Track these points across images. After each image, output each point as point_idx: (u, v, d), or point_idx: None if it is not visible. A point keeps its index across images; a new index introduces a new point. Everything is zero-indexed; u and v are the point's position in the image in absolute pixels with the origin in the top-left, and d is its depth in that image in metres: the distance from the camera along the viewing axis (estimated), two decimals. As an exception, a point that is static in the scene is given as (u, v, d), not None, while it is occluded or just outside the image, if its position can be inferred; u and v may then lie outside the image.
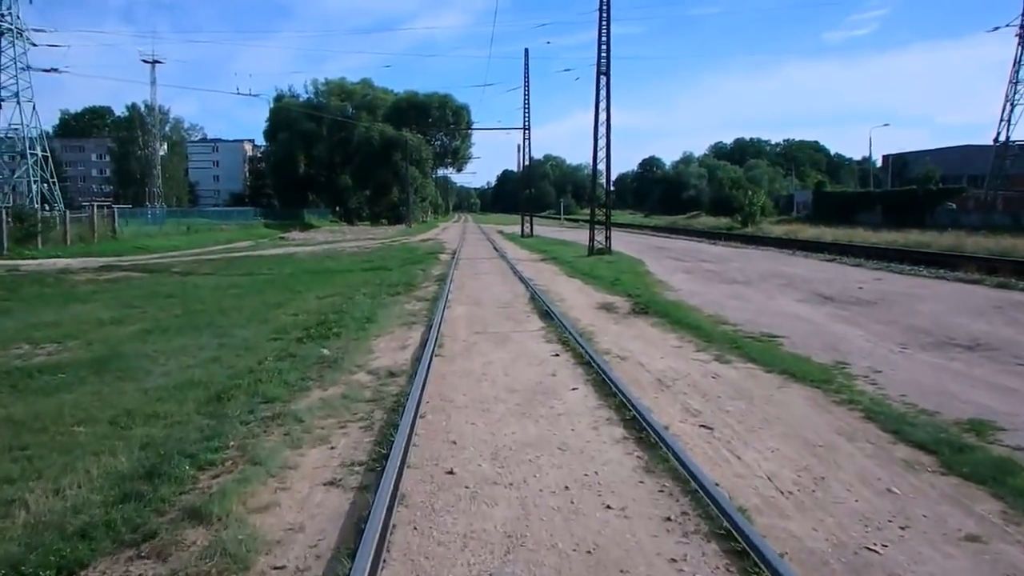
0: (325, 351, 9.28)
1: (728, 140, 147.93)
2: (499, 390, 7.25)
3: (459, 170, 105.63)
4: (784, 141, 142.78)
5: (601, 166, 27.67)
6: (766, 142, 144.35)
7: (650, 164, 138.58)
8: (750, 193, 56.32)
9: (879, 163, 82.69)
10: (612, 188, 29.62)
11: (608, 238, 27.75)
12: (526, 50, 49.37)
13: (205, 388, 7.33)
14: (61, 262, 27.62)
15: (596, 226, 28.16)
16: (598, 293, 15.73)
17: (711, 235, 44.84)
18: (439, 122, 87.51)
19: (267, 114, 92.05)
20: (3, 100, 49.85)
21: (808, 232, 39.27)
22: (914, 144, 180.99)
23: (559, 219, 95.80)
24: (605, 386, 7.15)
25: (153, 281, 20.80)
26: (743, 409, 6.37)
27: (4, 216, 32.65)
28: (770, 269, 20.47)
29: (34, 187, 49.95)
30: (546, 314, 12.38)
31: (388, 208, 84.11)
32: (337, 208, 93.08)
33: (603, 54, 27.33)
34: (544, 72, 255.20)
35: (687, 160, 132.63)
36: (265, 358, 8.80)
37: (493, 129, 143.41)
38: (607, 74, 27.55)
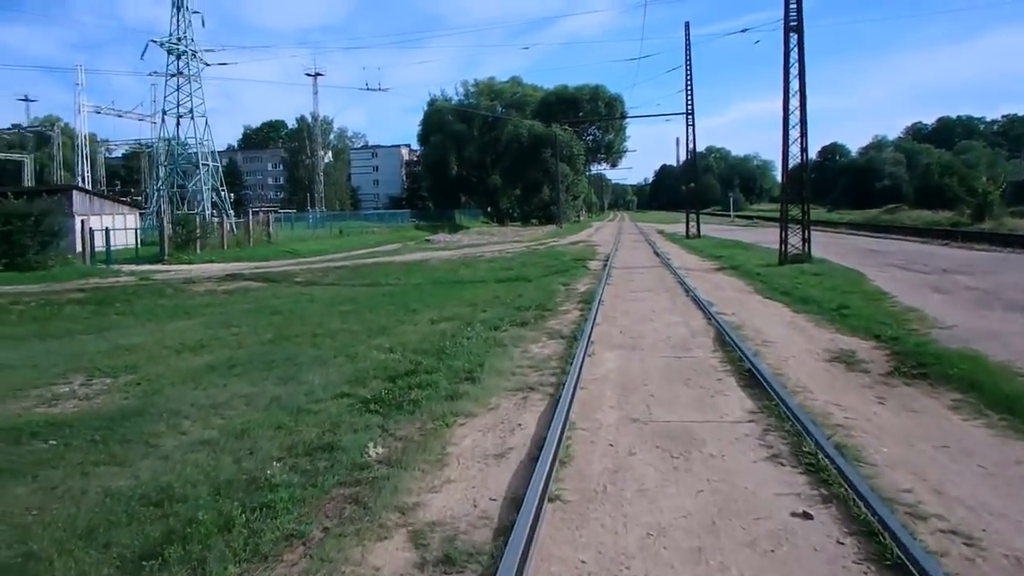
0: (374, 451, 5.54)
1: (928, 120, 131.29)
2: None
3: (613, 165, 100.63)
4: (1003, 117, 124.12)
5: (795, 148, 21.68)
6: (979, 120, 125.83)
7: (832, 151, 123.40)
8: (984, 180, 46.18)
9: None
10: (791, 179, 23.48)
11: (807, 240, 21.71)
12: (687, 24, 43.50)
13: (162, 518, 4.45)
14: (197, 268, 27.82)
15: (789, 225, 22.15)
16: (820, 330, 10.58)
17: (934, 233, 36.25)
18: (591, 115, 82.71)
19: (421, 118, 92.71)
20: (181, 116, 52.44)
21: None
22: None
23: (728, 216, 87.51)
24: None
25: (269, 293, 19.29)
26: None
27: (165, 224, 33.53)
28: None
29: (206, 195, 52.04)
30: (749, 376, 7.61)
31: (539, 207, 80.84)
32: (489, 208, 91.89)
33: (792, 3, 21.48)
34: (704, 56, 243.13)
35: (879, 145, 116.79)
36: (294, 447, 5.72)
37: (650, 116, 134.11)
38: (799, 30, 21.55)
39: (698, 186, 50.81)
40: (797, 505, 4.40)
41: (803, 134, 21.71)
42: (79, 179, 70.71)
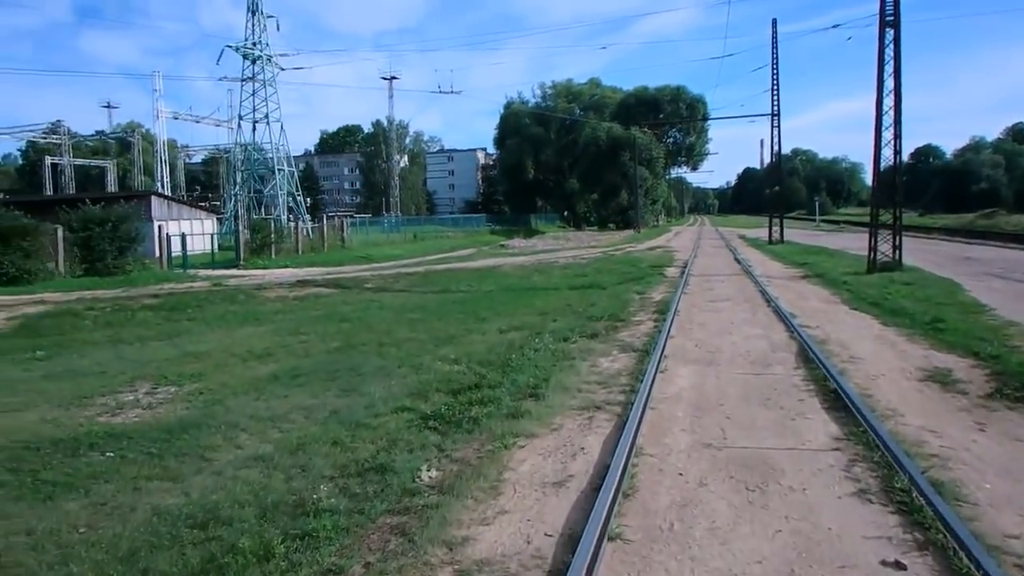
0: (427, 474, 5.30)
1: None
2: None
3: (694, 169, 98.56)
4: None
5: (887, 150, 20.42)
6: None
7: (925, 153, 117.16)
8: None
9: None
10: (881, 182, 22.18)
11: (898, 247, 20.48)
12: (774, 21, 41.62)
13: (204, 543, 4.29)
14: (271, 273, 28.20)
15: (879, 230, 20.95)
16: (913, 346, 9.85)
17: (1035, 240, 33.93)
18: (671, 117, 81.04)
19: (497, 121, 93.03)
20: (256, 121, 53.60)
21: None
22: None
23: (813, 220, 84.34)
24: None
25: (340, 299, 19.21)
26: None
27: (240, 229, 34.20)
28: None
29: (282, 200, 52.94)
30: (834, 397, 7.07)
31: (617, 211, 79.83)
32: (565, 213, 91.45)
33: (889, -5, 20.28)
34: (791, 54, 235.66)
35: (976, 146, 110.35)
36: (347, 466, 5.55)
37: (733, 117, 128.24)
38: (895, 25, 20.32)
39: (782, 189, 49.06)
40: (888, 552, 3.94)
41: (897, 135, 20.44)
42: (158, 184, 72.58)
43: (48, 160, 79.77)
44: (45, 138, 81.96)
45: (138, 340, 13.01)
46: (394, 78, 78.81)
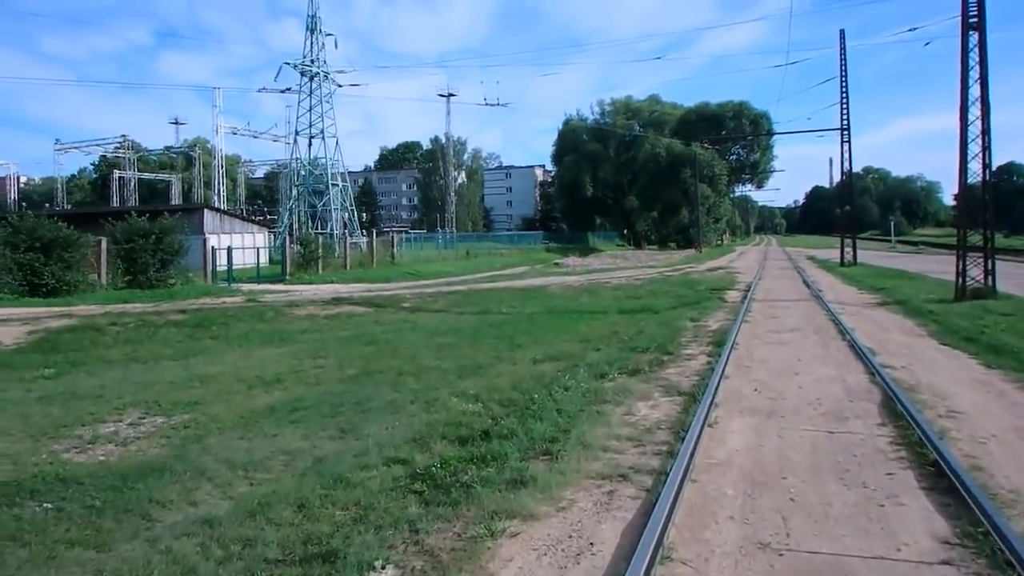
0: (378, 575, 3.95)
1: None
2: None
3: (759, 187, 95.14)
4: None
5: (975, 164, 18.12)
6: None
7: (1008, 171, 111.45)
8: None
9: None
10: (966, 200, 20.06)
11: (990, 272, 17.97)
12: (841, 31, 39.62)
13: None
14: (313, 289, 27.76)
15: (968, 253, 18.55)
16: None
17: None
18: (734, 133, 78.30)
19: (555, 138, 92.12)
20: (312, 137, 54.08)
21: None
22: None
23: (888, 241, 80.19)
24: None
25: (372, 319, 18.41)
26: None
27: (287, 244, 33.98)
28: None
29: (335, 215, 53.15)
30: (936, 472, 5.40)
31: (677, 230, 77.60)
32: (624, 231, 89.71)
33: (972, -4, 18.19)
34: (861, 69, 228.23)
35: None
36: (295, 546, 4.39)
37: (799, 132, 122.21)
38: (980, 28, 18.19)
39: (854, 208, 46.25)
40: None
41: (985, 147, 18.08)
42: (215, 198, 74.58)
43: (116, 174, 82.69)
44: (115, 153, 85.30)
45: (153, 359, 12.61)
46: (452, 95, 77.99)
